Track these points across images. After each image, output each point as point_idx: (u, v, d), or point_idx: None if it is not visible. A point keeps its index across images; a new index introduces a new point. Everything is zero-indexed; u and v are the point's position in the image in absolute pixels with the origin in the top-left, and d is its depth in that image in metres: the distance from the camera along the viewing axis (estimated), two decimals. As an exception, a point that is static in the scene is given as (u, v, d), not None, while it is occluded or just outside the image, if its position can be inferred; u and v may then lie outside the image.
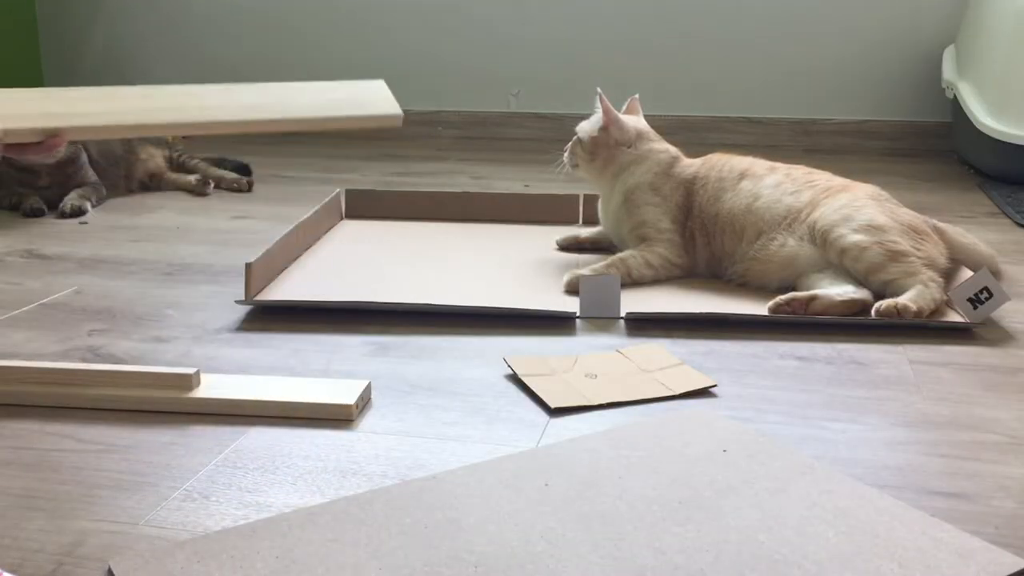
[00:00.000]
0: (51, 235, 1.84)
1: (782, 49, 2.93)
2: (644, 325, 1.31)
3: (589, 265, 1.50)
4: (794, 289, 1.39)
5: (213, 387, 1.06)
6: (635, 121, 1.65)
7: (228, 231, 1.87)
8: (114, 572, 0.73)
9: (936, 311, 1.30)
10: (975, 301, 1.29)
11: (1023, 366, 1.17)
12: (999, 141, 2.28)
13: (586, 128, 1.64)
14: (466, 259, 1.65)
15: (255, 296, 1.38)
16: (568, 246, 1.71)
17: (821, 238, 1.39)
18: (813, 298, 1.32)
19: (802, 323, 1.30)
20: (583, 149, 1.62)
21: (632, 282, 1.47)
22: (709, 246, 1.52)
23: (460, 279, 1.53)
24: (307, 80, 1.16)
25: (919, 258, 1.35)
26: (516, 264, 1.61)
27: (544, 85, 3.09)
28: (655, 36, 3.00)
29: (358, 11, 3.15)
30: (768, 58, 2.94)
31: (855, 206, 1.40)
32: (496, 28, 3.08)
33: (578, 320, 1.34)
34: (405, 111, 1.20)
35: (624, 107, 1.68)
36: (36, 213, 1.98)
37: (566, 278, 1.45)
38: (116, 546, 0.78)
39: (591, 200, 1.78)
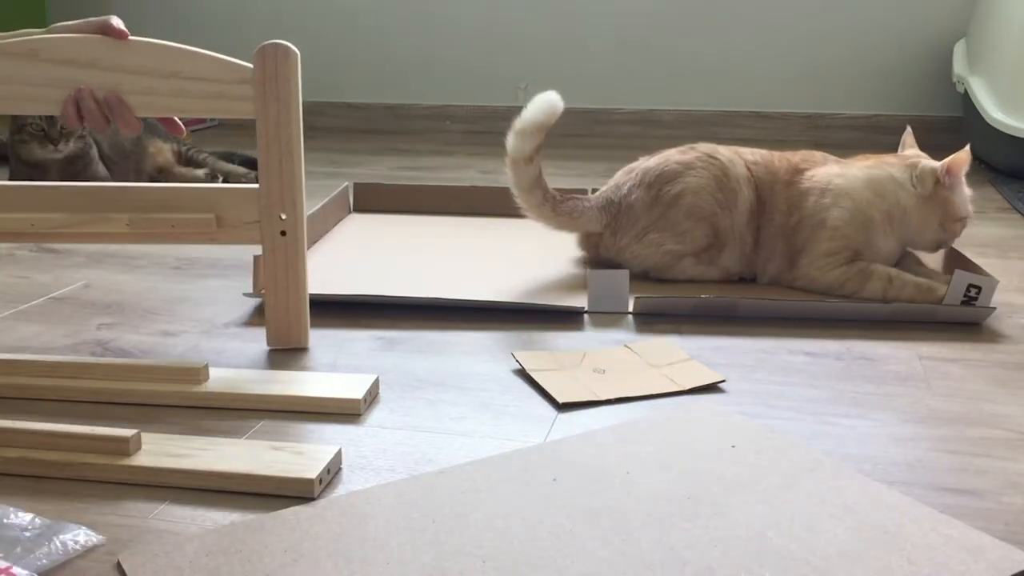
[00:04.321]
0: (60, 229, 1.85)
1: (792, 44, 2.92)
2: (652, 320, 1.31)
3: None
4: None
5: (222, 381, 1.07)
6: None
7: (236, 225, 1.87)
8: (123, 566, 0.73)
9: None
10: (969, 301, 1.29)
11: (1034, 362, 1.17)
12: (1010, 136, 2.27)
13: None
14: (474, 253, 1.65)
15: (263, 290, 1.38)
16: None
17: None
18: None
19: (811, 318, 1.30)
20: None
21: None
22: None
23: (468, 273, 1.53)
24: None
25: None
26: (524, 258, 1.61)
27: (552, 79, 3.08)
28: (664, 30, 2.99)
29: (366, 5, 3.15)
30: (778, 53, 2.93)
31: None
32: (504, 21, 3.07)
33: (586, 315, 1.34)
34: (413, 105, 1.23)
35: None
36: (45, 207, 1.98)
37: None
38: (125, 540, 0.78)
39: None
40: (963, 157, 1.38)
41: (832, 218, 1.40)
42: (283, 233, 1.15)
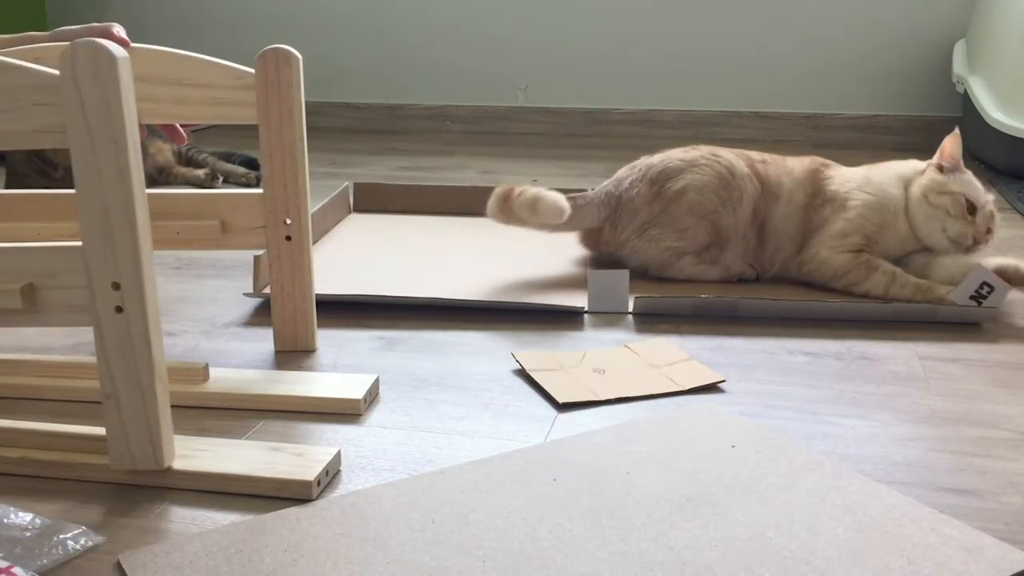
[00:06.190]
0: (60, 229, 1.85)
1: (792, 44, 2.92)
2: (652, 320, 1.31)
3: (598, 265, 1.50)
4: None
5: (222, 381, 1.07)
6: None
7: (236, 225, 1.87)
8: (123, 565, 0.73)
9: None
10: (978, 297, 1.29)
11: (1033, 362, 1.17)
12: (1010, 136, 2.27)
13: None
14: (474, 253, 1.65)
15: (264, 289, 1.38)
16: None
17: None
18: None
19: (811, 318, 1.30)
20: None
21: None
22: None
23: (468, 273, 1.53)
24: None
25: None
26: (524, 258, 1.61)
27: (552, 79, 3.08)
28: (664, 30, 2.99)
29: (366, 5, 3.15)
30: (778, 53, 2.93)
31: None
32: (505, 22, 3.07)
33: (586, 315, 1.34)
34: (413, 106, 1.23)
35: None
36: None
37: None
38: (125, 540, 0.78)
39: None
40: (951, 139, 1.43)
41: (855, 199, 1.43)
42: (288, 238, 1.15)
